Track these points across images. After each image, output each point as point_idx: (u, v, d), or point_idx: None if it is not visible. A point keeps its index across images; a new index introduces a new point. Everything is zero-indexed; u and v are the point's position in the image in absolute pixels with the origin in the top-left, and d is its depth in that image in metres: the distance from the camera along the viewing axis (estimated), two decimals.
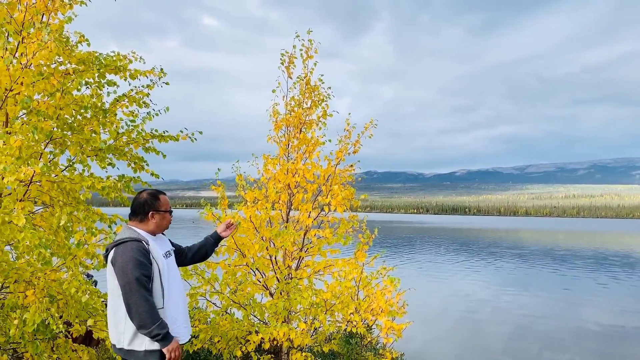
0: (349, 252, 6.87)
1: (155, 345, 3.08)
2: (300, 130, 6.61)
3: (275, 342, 5.71)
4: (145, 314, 2.99)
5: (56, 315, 3.99)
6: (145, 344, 3.09)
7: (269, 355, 5.91)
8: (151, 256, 3.16)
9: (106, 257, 3.24)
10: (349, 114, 6.65)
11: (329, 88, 6.70)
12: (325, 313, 5.86)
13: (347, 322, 6.13)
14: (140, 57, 5.18)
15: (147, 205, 3.35)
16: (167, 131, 5.26)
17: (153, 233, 3.36)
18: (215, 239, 3.91)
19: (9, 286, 4.06)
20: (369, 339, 6.88)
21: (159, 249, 3.27)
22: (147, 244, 3.18)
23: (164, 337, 3.05)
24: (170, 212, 3.45)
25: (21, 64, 4.03)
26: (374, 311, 6.15)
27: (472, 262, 32.55)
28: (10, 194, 4.04)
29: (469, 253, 39.67)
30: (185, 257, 3.72)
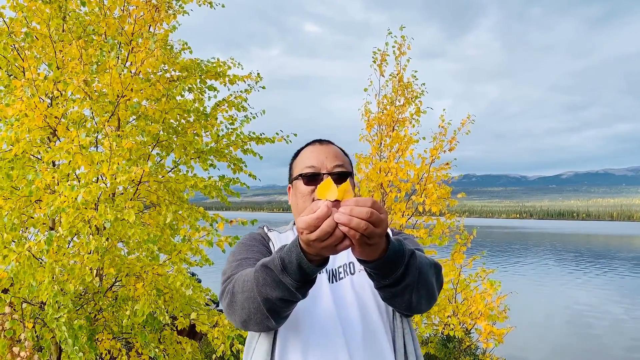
0: (446, 253, 6.68)
1: None
2: (393, 129, 6.53)
3: None
4: (243, 283, 1.47)
5: (163, 307, 4.23)
6: None
7: None
8: (271, 246, 1.81)
9: None
10: (444, 109, 6.48)
11: (423, 84, 6.59)
12: (421, 315, 5.75)
13: (444, 325, 5.96)
14: (239, 63, 5.41)
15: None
16: (263, 133, 5.44)
17: None
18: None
19: (121, 279, 4.36)
20: (467, 343, 6.65)
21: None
22: (268, 230, 1.88)
23: (294, 259, 1.30)
24: (310, 175, 1.76)
25: (131, 72, 4.33)
26: (472, 315, 5.93)
27: (581, 269, 30.52)
28: (122, 194, 4.35)
29: (578, 260, 37.24)
30: None
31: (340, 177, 1.75)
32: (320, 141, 1.87)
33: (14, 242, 3.86)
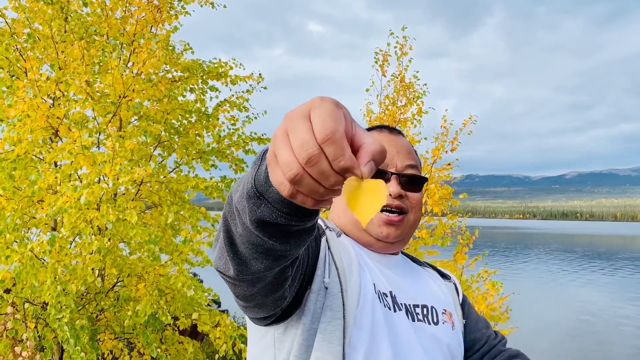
0: (448, 253, 6.68)
1: None
2: None
3: None
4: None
5: (164, 308, 4.24)
6: None
7: None
8: (323, 241, 1.21)
9: None
10: (446, 110, 6.49)
11: (425, 85, 6.59)
12: None
13: None
14: (240, 64, 5.42)
15: None
16: (265, 134, 5.46)
17: (363, 239, 1.31)
18: None
19: (123, 280, 4.37)
20: None
21: (361, 266, 1.21)
22: (326, 227, 1.27)
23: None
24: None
25: (133, 72, 4.35)
26: None
27: (584, 270, 30.44)
28: (124, 194, 4.36)
29: (580, 260, 37.15)
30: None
31: (411, 182, 1.30)
32: (390, 129, 1.38)
33: (17, 242, 3.87)
